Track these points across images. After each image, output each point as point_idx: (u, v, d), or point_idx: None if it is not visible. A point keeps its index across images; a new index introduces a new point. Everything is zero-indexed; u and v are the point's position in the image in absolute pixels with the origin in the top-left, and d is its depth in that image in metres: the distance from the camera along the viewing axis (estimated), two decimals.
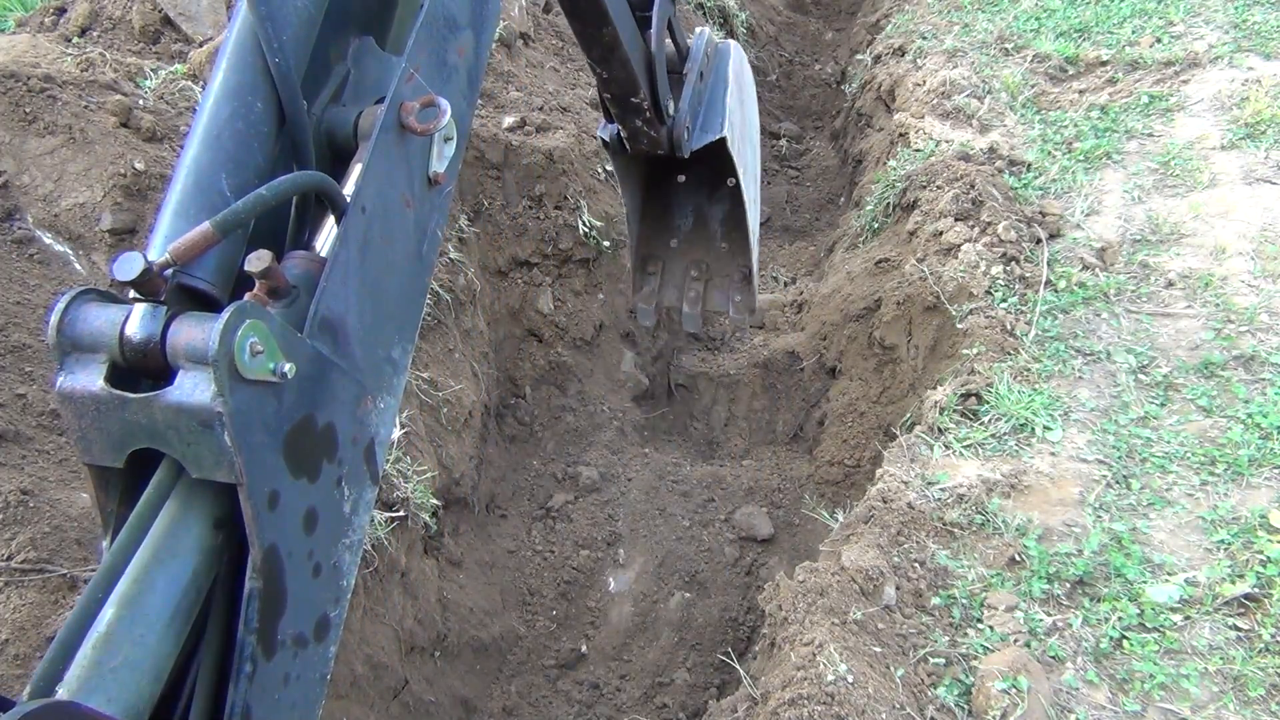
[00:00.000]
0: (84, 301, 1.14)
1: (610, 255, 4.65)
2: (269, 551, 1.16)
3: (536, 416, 4.30)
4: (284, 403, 1.17)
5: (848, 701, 2.15)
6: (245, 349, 1.08)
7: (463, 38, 1.59)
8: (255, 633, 1.15)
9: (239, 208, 1.15)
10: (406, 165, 1.43)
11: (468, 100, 1.62)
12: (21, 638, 2.17)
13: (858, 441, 4.09)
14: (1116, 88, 5.13)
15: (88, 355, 1.13)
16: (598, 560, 3.84)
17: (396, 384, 1.45)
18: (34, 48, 3.73)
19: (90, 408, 1.12)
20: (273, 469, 1.16)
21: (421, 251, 1.50)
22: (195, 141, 1.25)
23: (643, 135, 3.14)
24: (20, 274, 2.90)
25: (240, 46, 1.29)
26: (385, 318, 1.41)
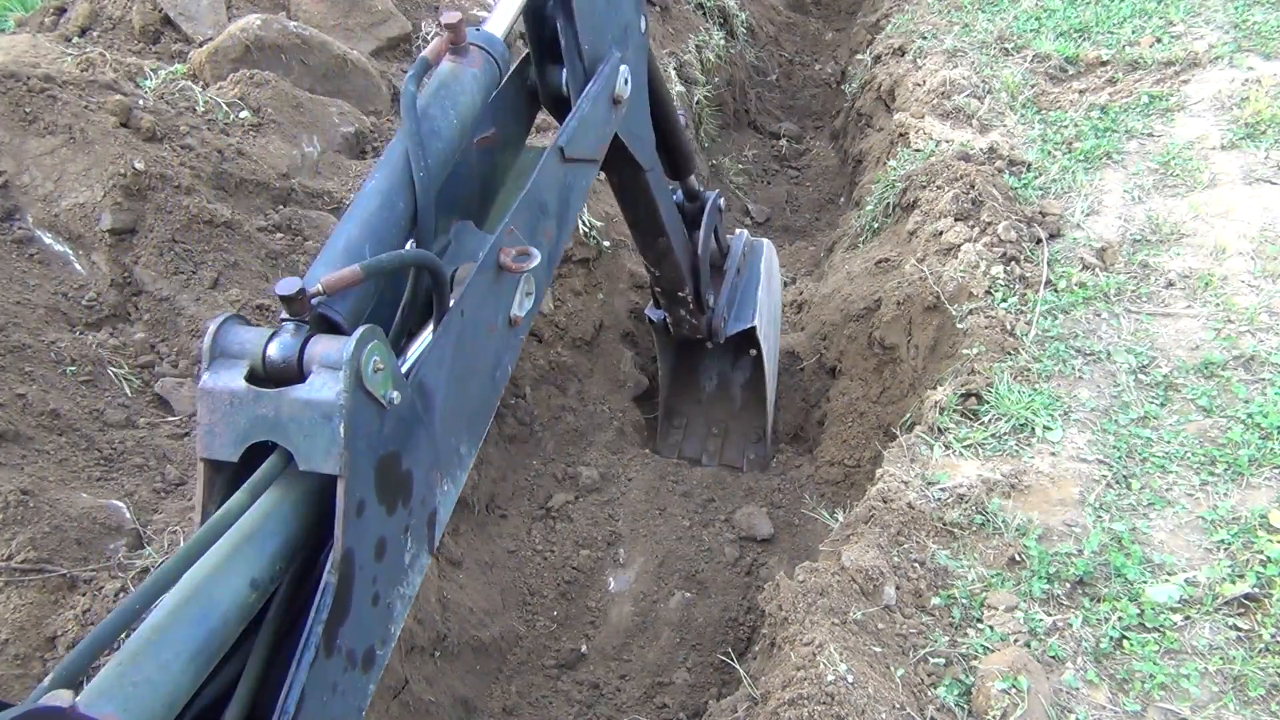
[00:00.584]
0: (234, 322, 1.36)
1: (610, 255, 4.65)
2: (347, 553, 1.31)
3: (536, 416, 4.30)
4: (384, 428, 1.38)
5: (848, 701, 2.15)
6: (370, 364, 1.30)
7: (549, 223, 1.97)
8: (323, 624, 1.27)
9: (381, 259, 1.42)
10: (496, 298, 1.73)
11: (545, 273, 1.97)
12: (21, 638, 2.17)
13: (858, 441, 4.09)
14: (1116, 88, 5.13)
15: (232, 361, 1.33)
16: (598, 560, 3.84)
17: (460, 477, 1.67)
18: (34, 48, 3.73)
19: (225, 402, 1.30)
20: (366, 479, 1.34)
21: (495, 376, 1.78)
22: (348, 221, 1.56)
23: (685, 322, 3.70)
24: (20, 274, 2.90)
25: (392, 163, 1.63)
26: (461, 413, 1.65)
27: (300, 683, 1.24)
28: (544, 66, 2.25)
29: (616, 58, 2.33)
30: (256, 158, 3.48)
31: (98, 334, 2.92)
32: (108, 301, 2.98)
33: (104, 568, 2.35)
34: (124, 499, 2.51)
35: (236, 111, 3.62)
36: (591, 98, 2.19)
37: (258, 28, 3.91)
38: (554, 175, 1.98)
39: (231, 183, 3.34)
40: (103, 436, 2.68)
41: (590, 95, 2.19)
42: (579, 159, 2.12)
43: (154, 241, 3.06)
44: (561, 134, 2.03)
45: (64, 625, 2.22)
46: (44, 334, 2.80)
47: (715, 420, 4.49)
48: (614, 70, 2.31)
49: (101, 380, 2.81)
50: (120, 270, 3.02)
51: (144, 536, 2.46)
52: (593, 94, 2.20)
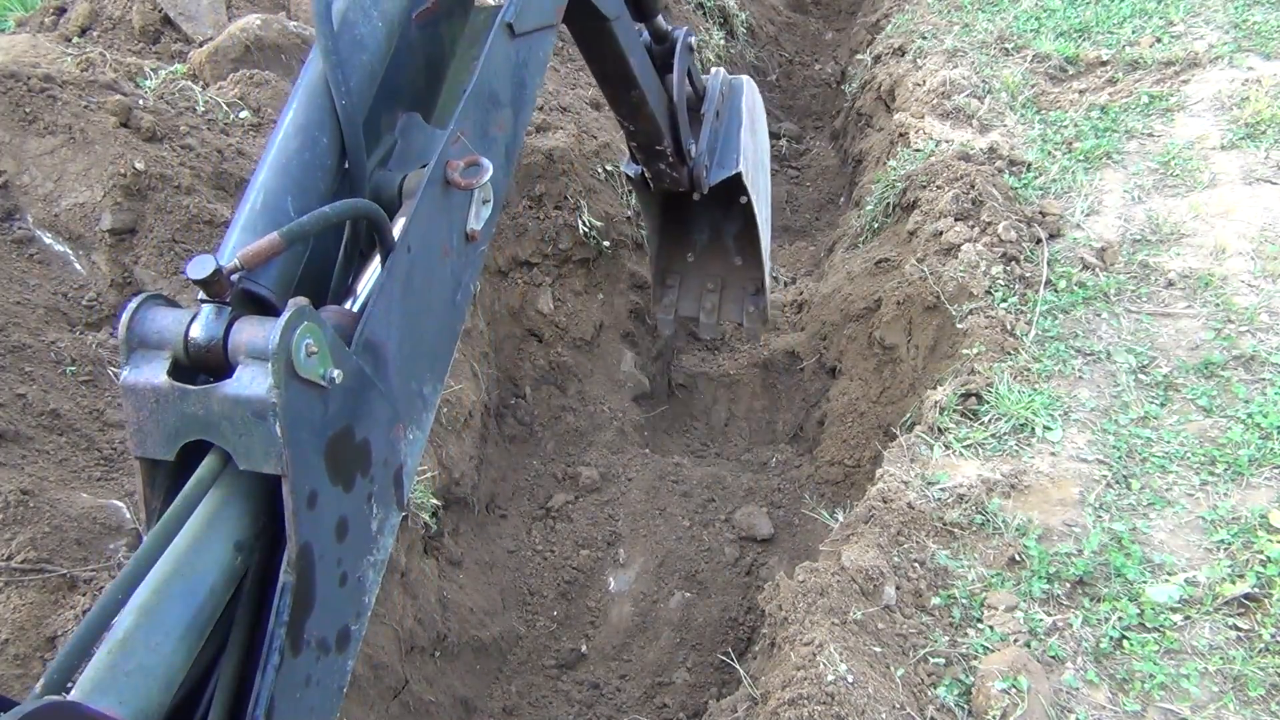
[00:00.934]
0: (151, 304, 1.23)
1: (610, 255, 4.65)
2: (303, 549, 1.22)
3: (536, 416, 4.30)
4: (329, 408, 1.26)
5: (848, 701, 2.15)
6: (302, 348, 1.17)
7: (503, 114, 1.75)
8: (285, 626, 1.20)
9: (304, 221, 1.27)
10: (448, 217, 1.55)
11: (504, 171, 1.76)
12: (21, 638, 2.17)
13: (858, 441, 4.09)
14: (1116, 88, 5.13)
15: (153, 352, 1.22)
16: (598, 560, 3.84)
17: (426, 419, 1.54)
18: (34, 48, 3.73)
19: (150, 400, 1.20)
20: (314, 469, 1.24)
21: (455, 300, 1.62)
22: (265, 168, 1.38)
23: (665, 175, 3.42)
24: (20, 274, 2.90)
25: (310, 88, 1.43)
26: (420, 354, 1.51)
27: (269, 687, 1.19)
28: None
29: None
30: (256, 157, 3.48)
31: (98, 334, 2.92)
32: (108, 301, 2.98)
33: (104, 568, 2.35)
34: (124, 499, 2.51)
35: (236, 111, 3.62)
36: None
37: (257, 28, 3.91)
38: (503, 57, 1.73)
39: (231, 183, 3.34)
40: (103, 436, 2.68)
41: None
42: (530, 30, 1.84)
43: (154, 241, 3.06)
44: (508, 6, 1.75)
45: (64, 625, 2.22)
46: (44, 334, 2.80)
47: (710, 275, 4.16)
48: None
49: (101, 380, 2.81)
50: (120, 270, 3.02)
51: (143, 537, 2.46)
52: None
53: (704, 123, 3.45)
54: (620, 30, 2.61)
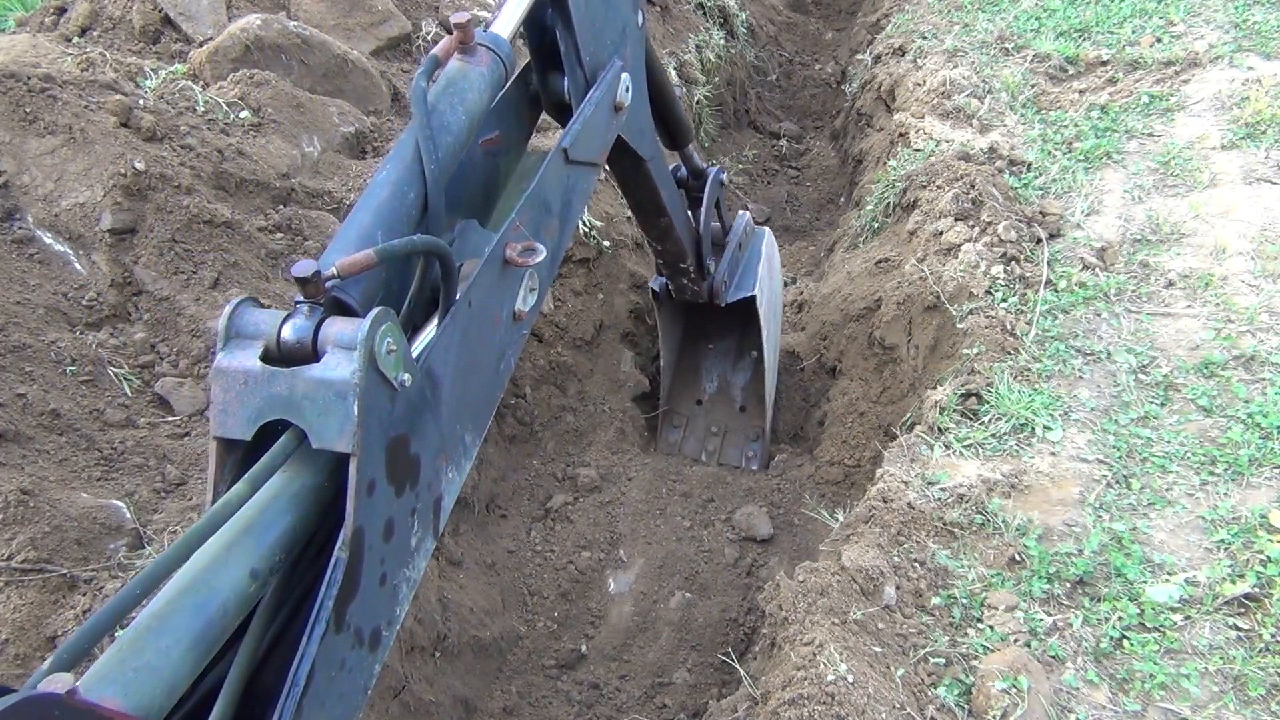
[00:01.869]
0: (249, 304, 1.38)
1: (610, 255, 4.65)
2: (358, 532, 1.32)
3: (536, 416, 4.30)
4: (395, 409, 1.40)
5: (848, 701, 2.15)
6: (384, 345, 1.32)
7: (552, 222, 2.01)
8: (334, 599, 1.28)
9: (394, 244, 1.44)
10: (501, 292, 1.76)
11: (548, 272, 2.00)
12: (21, 638, 2.17)
13: (858, 441, 4.09)
14: (1117, 87, 5.13)
15: (247, 341, 1.35)
16: (598, 560, 3.84)
17: (464, 465, 1.69)
18: (34, 47, 3.73)
19: (240, 381, 1.32)
20: (376, 459, 1.36)
21: (499, 368, 1.80)
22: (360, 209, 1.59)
23: (687, 289, 3.82)
24: (20, 274, 2.90)
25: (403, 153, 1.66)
26: (466, 402, 1.67)
27: (311, 655, 1.24)
28: (545, 74, 2.29)
29: (618, 65, 2.37)
30: (256, 158, 3.48)
31: (98, 334, 2.92)
32: (108, 301, 2.98)
33: (104, 568, 2.35)
34: (124, 499, 2.51)
35: (236, 111, 3.62)
36: (594, 103, 2.22)
37: (258, 28, 3.91)
38: (557, 176, 2.02)
39: (231, 183, 3.34)
40: (103, 436, 2.68)
41: (593, 100, 2.22)
42: (581, 161, 2.15)
43: (154, 241, 3.06)
44: (565, 136, 2.07)
45: (64, 625, 2.22)
46: (44, 334, 2.79)
47: (715, 421, 4.54)
48: (615, 77, 2.35)
49: (101, 380, 2.81)
50: (120, 270, 3.02)
51: (144, 536, 2.46)
52: (595, 99, 2.23)
53: (726, 248, 3.88)
54: (654, 169, 2.94)
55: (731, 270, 3.91)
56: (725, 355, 4.63)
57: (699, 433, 4.55)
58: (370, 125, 4.05)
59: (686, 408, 4.59)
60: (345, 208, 3.62)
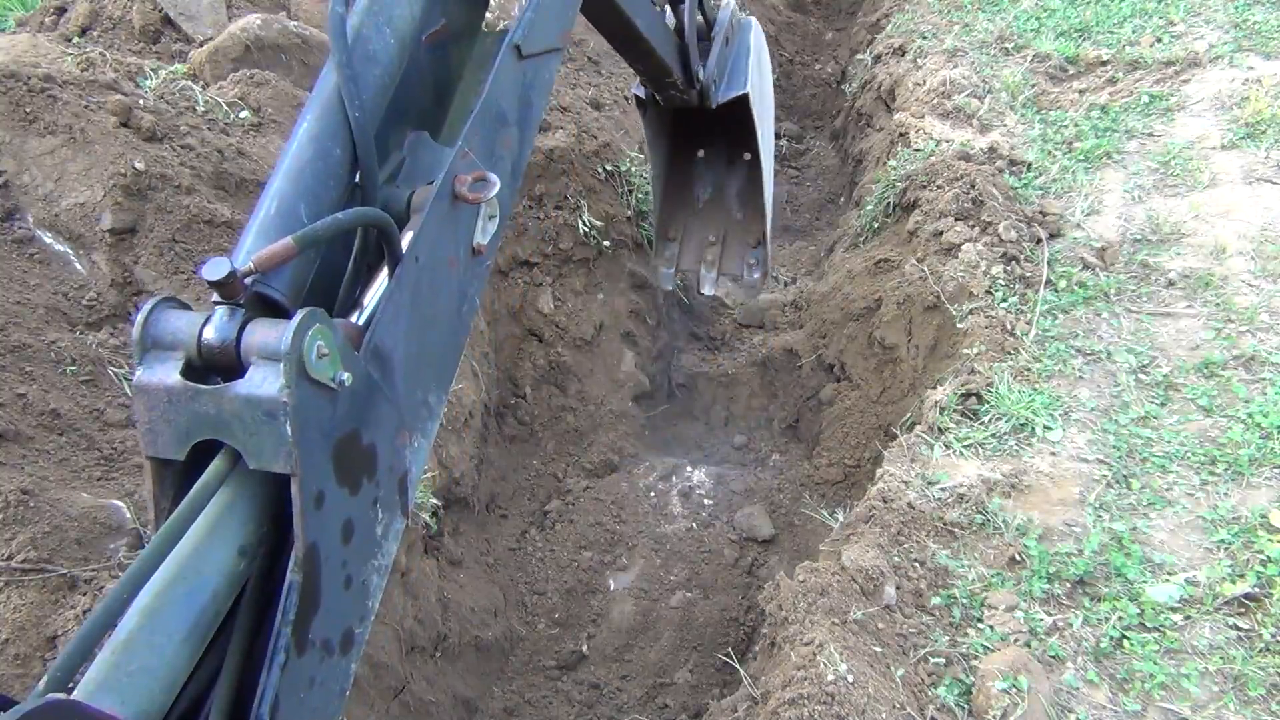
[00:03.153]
0: (165, 306, 1.26)
1: (610, 255, 4.65)
2: (310, 549, 1.23)
3: (536, 416, 4.30)
4: (337, 411, 1.28)
5: (848, 701, 2.15)
6: (314, 350, 1.20)
7: (510, 133, 1.79)
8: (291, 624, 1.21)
9: (317, 227, 1.30)
10: (455, 231, 1.59)
11: (510, 189, 1.80)
12: (21, 638, 2.17)
13: (858, 441, 4.09)
14: (1117, 87, 5.13)
15: (166, 353, 1.24)
16: (598, 560, 3.83)
17: (430, 427, 1.57)
18: (34, 47, 3.73)
19: (163, 399, 1.22)
20: (322, 470, 1.26)
21: (461, 312, 1.65)
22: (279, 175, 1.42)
23: (675, 98, 3.52)
24: (20, 274, 2.90)
25: (324, 100, 1.47)
26: (426, 363, 1.54)
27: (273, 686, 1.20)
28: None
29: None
30: (257, 157, 3.48)
31: (98, 334, 2.92)
32: (108, 301, 2.98)
33: (104, 567, 2.35)
34: (124, 499, 2.51)
35: (236, 111, 3.62)
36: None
37: (258, 27, 3.91)
38: (511, 77, 1.77)
39: (232, 182, 3.34)
40: (103, 436, 2.68)
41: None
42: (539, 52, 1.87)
43: (154, 241, 3.06)
44: (516, 28, 1.79)
45: (64, 625, 2.22)
46: (44, 334, 2.79)
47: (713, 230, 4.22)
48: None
49: (101, 380, 2.81)
50: (120, 270, 3.02)
51: (144, 536, 2.46)
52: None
53: (713, 45, 3.51)
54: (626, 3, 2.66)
55: (720, 68, 3.59)
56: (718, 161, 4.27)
57: (696, 244, 4.22)
58: None
59: (681, 218, 4.24)
60: None
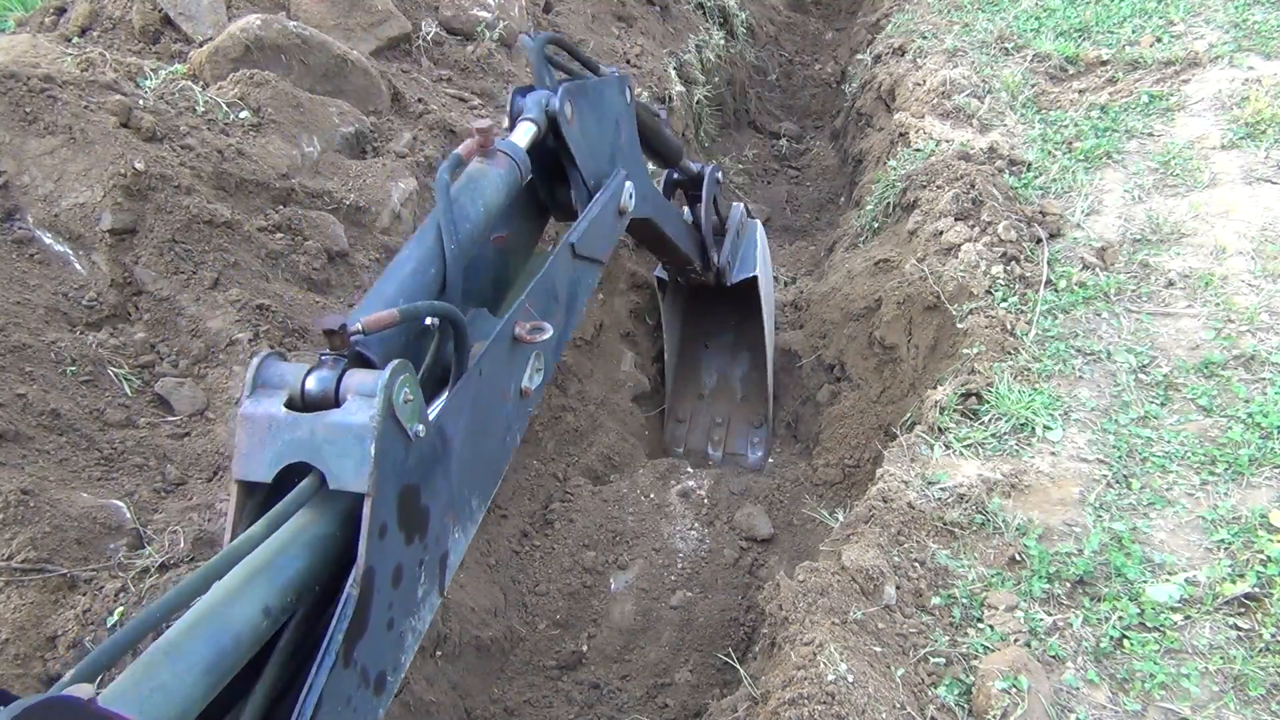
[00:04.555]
0: (275, 358, 1.48)
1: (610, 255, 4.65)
2: (368, 571, 1.38)
3: (536, 416, 4.30)
4: (408, 459, 1.47)
5: (848, 701, 2.15)
6: (401, 394, 1.40)
7: (558, 310, 2.14)
8: (343, 633, 1.33)
9: (416, 305, 1.54)
10: (510, 367, 1.87)
11: (553, 353, 2.10)
12: (21, 638, 2.17)
13: (858, 441, 4.09)
14: (1117, 87, 5.13)
15: (273, 390, 1.44)
16: (598, 560, 3.83)
17: (469, 529, 1.75)
18: (34, 48, 3.73)
19: (264, 426, 1.40)
20: (388, 504, 1.42)
21: (505, 441, 1.88)
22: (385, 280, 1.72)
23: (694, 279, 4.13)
24: (20, 274, 2.90)
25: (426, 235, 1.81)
26: (474, 467, 1.74)
27: (319, 687, 1.28)
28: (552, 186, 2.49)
29: (622, 175, 2.59)
30: (256, 158, 3.48)
31: (98, 334, 2.92)
32: (108, 301, 2.98)
33: (104, 568, 2.35)
34: (124, 499, 2.51)
35: (236, 111, 3.62)
36: (600, 204, 2.43)
37: (258, 28, 3.91)
38: (564, 268, 2.18)
39: (231, 183, 3.34)
40: (103, 436, 2.68)
41: (599, 202, 2.43)
42: (587, 257, 2.31)
43: (154, 241, 3.06)
44: (572, 232, 2.23)
45: (64, 625, 2.22)
46: (44, 334, 2.79)
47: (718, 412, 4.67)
48: (619, 186, 2.57)
49: (101, 380, 2.81)
50: (120, 270, 3.02)
51: (144, 536, 2.46)
52: (602, 201, 2.44)
53: (726, 237, 4.12)
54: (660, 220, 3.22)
55: (732, 255, 4.15)
56: (723, 350, 4.77)
57: (703, 425, 4.66)
58: (370, 125, 4.04)
59: (689, 403, 4.72)
60: (345, 208, 3.61)
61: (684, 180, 3.82)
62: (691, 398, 4.73)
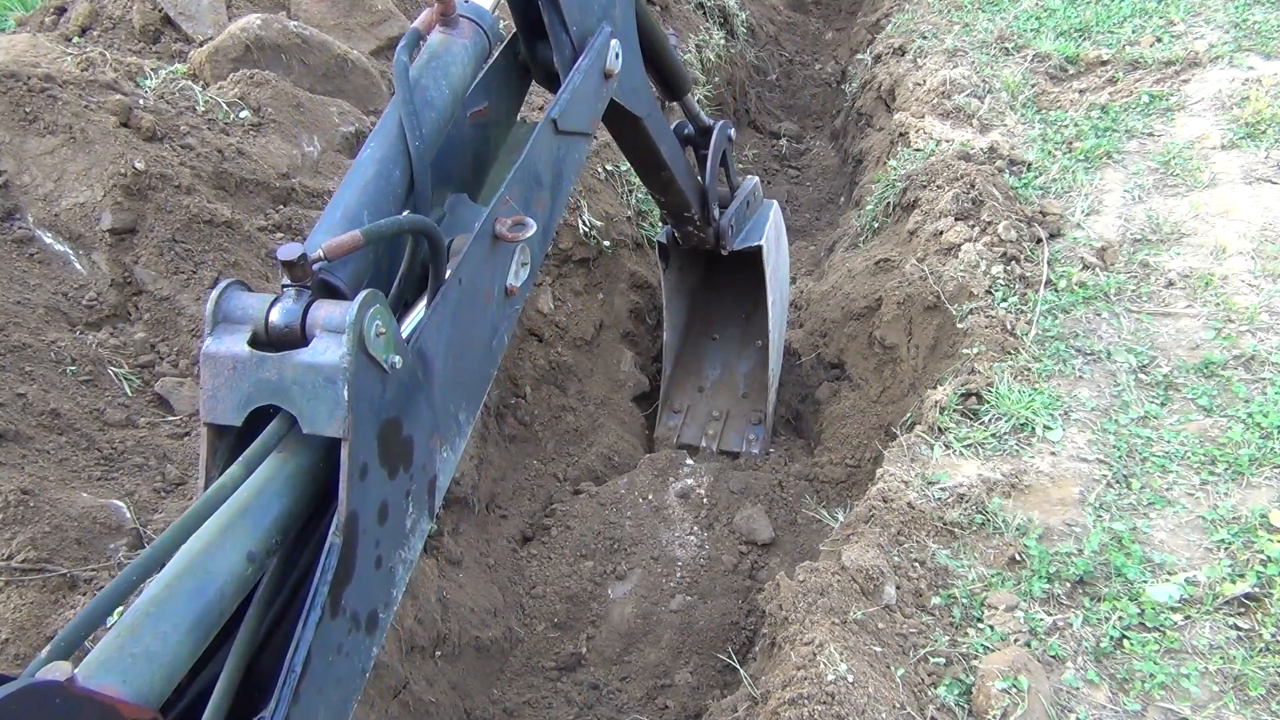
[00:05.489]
0: (236, 288, 1.37)
1: (610, 255, 4.65)
2: (351, 516, 1.32)
3: (536, 416, 4.30)
4: (386, 392, 1.38)
5: (848, 701, 2.15)
6: (373, 327, 1.31)
7: (544, 194, 1.98)
8: (329, 585, 1.27)
9: (380, 224, 1.44)
10: (492, 267, 1.74)
11: (540, 245, 1.97)
12: (21, 637, 2.17)
13: (858, 441, 4.09)
14: (1117, 87, 5.13)
15: (235, 326, 1.34)
16: (598, 561, 3.83)
17: (458, 444, 1.67)
18: (34, 47, 3.73)
19: (229, 367, 1.31)
20: (368, 443, 1.35)
21: (491, 345, 1.78)
22: (345, 188, 1.59)
23: (693, 236, 3.73)
24: (20, 274, 2.90)
25: (387, 130, 1.67)
26: (460, 380, 1.65)
27: (307, 642, 1.24)
28: (533, 44, 2.23)
29: (607, 31, 2.30)
30: (257, 157, 3.48)
31: (98, 334, 2.92)
32: (108, 301, 2.98)
33: (104, 567, 2.35)
34: (124, 499, 2.51)
35: (236, 111, 3.62)
36: (583, 71, 2.17)
37: (258, 27, 3.91)
38: (547, 147, 1.99)
39: (232, 182, 3.34)
40: (103, 436, 2.68)
41: (581, 69, 2.17)
42: (571, 131, 2.11)
43: (154, 241, 3.06)
44: (554, 106, 2.03)
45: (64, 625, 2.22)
46: (44, 334, 2.79)
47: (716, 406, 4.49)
48: (604, 44, 2.28)
49: (101, 380, 2.81)
50: (120, 270, 3.02)
51: (144, 536, 2.46)
52: (584, 67, 2.17)
53: (734, 200, 3.76)
54: (651, 125, 2.85)
55: (739, 222, 3.82)
56: (729, 343, 4.58)
57: (700, 418, 4.47)
58: (370, 125, 4.05)
59: (689, 393, 4.53)
60: None
61: (692, 136, 3.46)
62: (691, 389, 4.54)
